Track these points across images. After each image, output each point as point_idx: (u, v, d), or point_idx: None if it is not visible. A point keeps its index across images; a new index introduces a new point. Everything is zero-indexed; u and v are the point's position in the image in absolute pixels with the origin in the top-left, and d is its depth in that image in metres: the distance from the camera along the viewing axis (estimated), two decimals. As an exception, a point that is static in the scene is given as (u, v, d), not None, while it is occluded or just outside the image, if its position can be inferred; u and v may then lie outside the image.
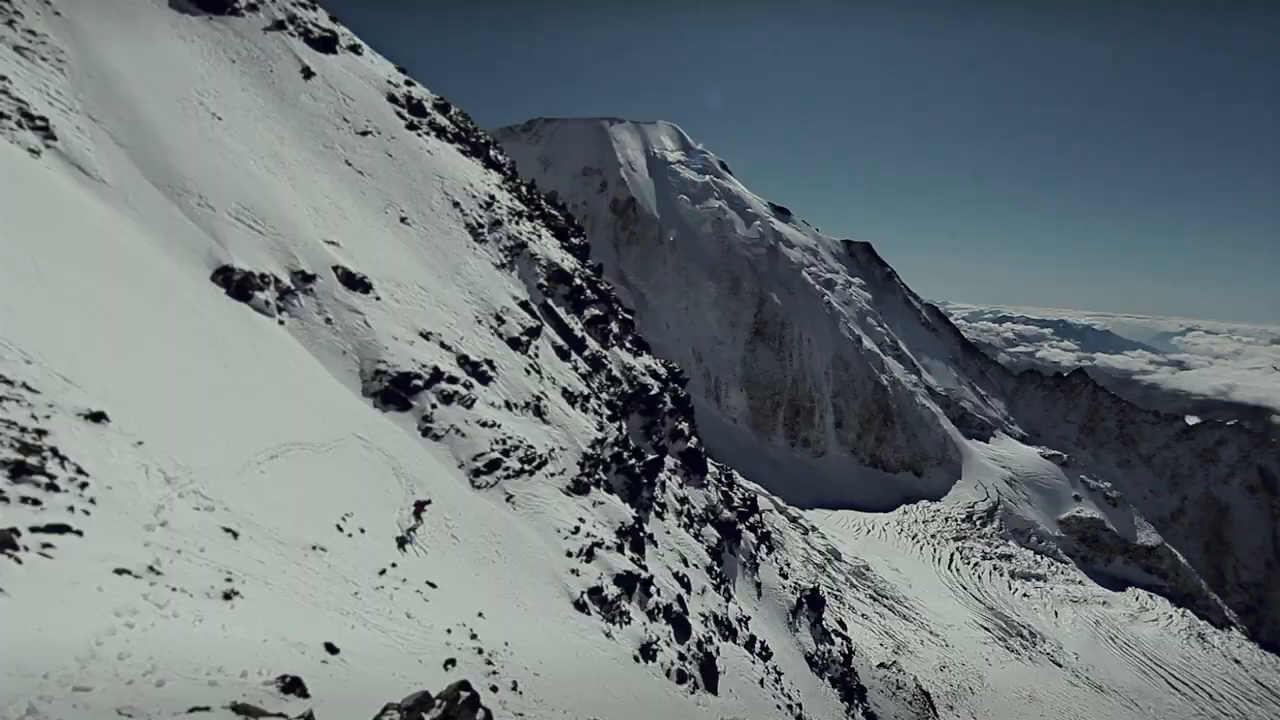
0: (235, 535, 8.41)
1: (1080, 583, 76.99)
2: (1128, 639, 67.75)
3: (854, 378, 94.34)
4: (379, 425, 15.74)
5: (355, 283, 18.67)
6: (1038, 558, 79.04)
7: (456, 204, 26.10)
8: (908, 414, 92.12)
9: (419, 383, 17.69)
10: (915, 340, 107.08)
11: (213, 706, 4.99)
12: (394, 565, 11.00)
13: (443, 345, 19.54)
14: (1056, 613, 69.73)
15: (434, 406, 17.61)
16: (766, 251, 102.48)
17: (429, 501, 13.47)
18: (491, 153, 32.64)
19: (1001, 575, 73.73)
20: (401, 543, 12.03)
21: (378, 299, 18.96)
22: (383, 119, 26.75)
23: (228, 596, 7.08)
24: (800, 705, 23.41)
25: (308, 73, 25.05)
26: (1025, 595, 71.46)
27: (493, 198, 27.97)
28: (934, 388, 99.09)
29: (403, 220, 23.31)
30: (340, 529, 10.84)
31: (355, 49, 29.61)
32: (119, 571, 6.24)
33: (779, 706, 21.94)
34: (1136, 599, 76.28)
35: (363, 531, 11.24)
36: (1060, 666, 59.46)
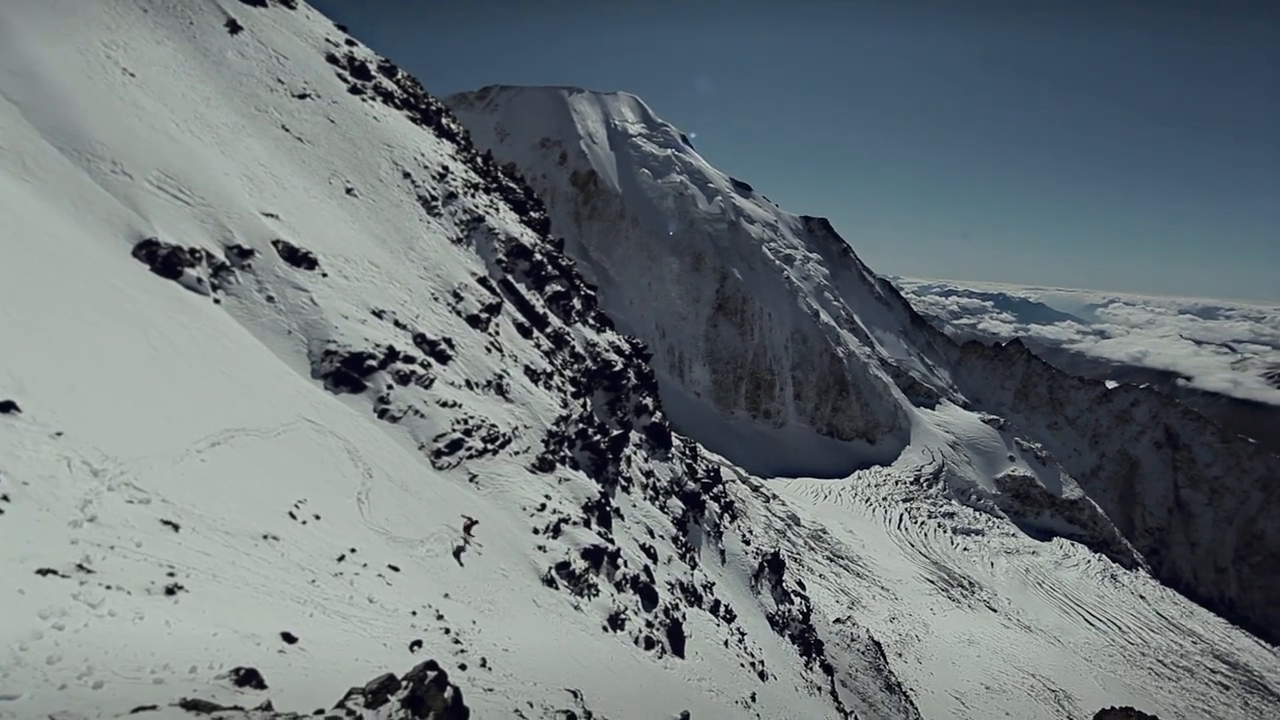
0: (176, 528, 7.90)
1: (1013, 535, 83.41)
2: (1052, 583, 74.27)
3: (812, 350, 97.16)
4: (331, 408, 15.06)
5: (299, 258, 17.55)
6: (977, 514, 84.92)
7: (407, 175, 24.80)
8: (862, 384, 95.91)
9: (373, 363, 16.98)
10: (869, 313, 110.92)
11: (159, 705, 4.71)
12: (353, 551, 10.66)
13: (397, 324, 18.76)
14: (992, 563, 75.51)
15: (390, 387, 16.98)
16: (728, 227, 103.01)
17: (477, 522, 14.10)
18: (444, 121, 31.07)
19: (945, 532, 78.95)
20: (457, 553, 13.15)
21: (324, 275, 17.92)
22: (322, 81, 24.92)
23: (171, 592, 6.67)
24: (762, 662, 24.54)
25: (234, 26, 22.93)
26: (965, 549, 76.93)
27: (446, 169, 26.73)
28: (886, 359, 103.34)
29: (349, 191, 21.99)
30: (293, 516, 10.37)
31: (287, 2, 27.30)
32: (42, 572, 5.75)
33: (742, 665, 22.94)
34: (1060, 547, 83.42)
35: (318, 518, 10.80)
36: (995, 611, 64.70)
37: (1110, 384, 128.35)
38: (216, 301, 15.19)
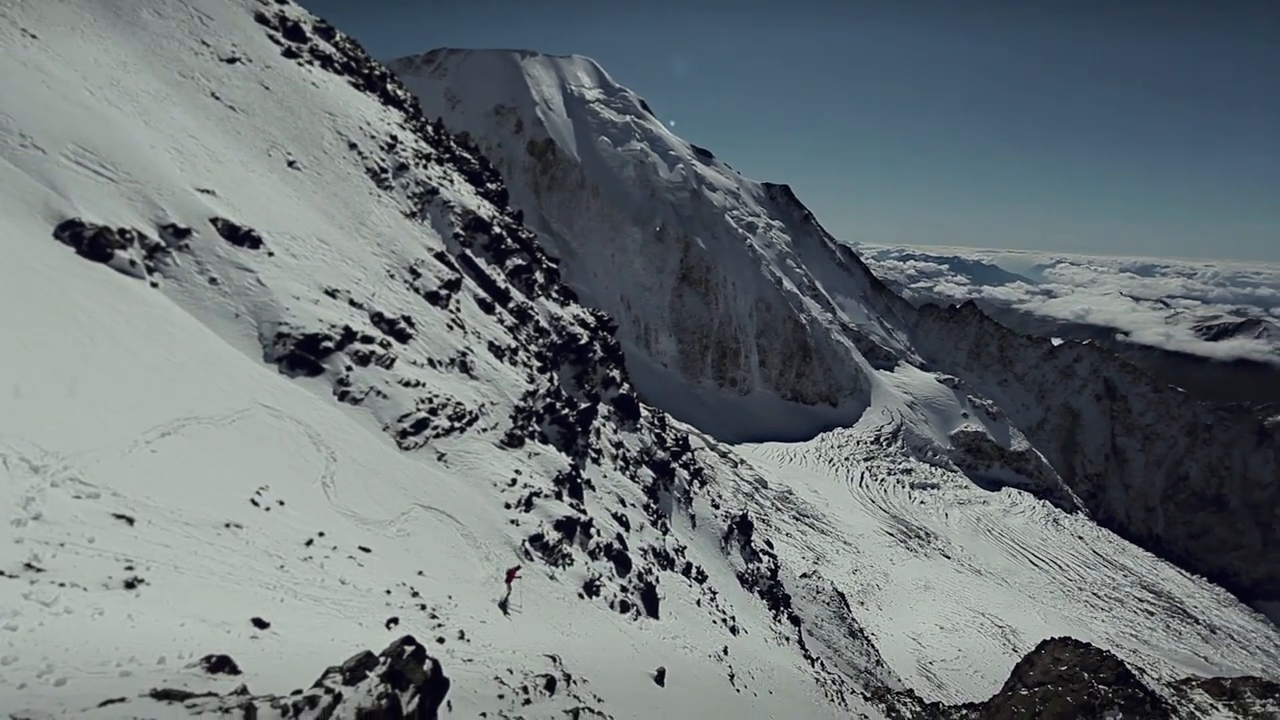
0: (130, 521, 7.67)
1: (966, 487, 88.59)
2: (1001, 530, 79.65)
3: (775, 318, 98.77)
4: (288, 392, 14.61)
5: (241, 237, 16.65)
6: (932, 469, 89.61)
7: (353, 145, 23.60)
8: (824, 350, 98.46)
9: (329, 344, 16.45)
10: (830, 279, 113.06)
11: (128, 697, 4.67)
12: (322, 534, 10.56)
13: (352, 303, 18.15)
14: (947, 514, 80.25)
15: (349, 369, 16.54)
16: (690, 195, 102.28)
17: (519, 567, 14.46)
18: (389, 87, 29.48)
19: (903, 487, 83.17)
20: (503, 607, 13.11)
21: (270, 254, 17.09)
22: (252, 43, 23.20)
23: (131, 585, 6.53)
24: (734, 618, 25.72)
25: (147, -18, 20.96)
26: (922, 502, 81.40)
27: (395, 138, 25.52)
28: (847, 324, 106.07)
29: (291, 164, 20.80)
30: (256, 503, 10.17)
31: (206, -45, 25.00)
32: (-13, 573, 5.55)
33: (714, 621, 24.00)
34: (1009, 496, 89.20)
35: (282, 504, 10.62)
36: (949, 558, 69.16)
37: (1056, 341, 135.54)
38: (154, 285, 14.34)
